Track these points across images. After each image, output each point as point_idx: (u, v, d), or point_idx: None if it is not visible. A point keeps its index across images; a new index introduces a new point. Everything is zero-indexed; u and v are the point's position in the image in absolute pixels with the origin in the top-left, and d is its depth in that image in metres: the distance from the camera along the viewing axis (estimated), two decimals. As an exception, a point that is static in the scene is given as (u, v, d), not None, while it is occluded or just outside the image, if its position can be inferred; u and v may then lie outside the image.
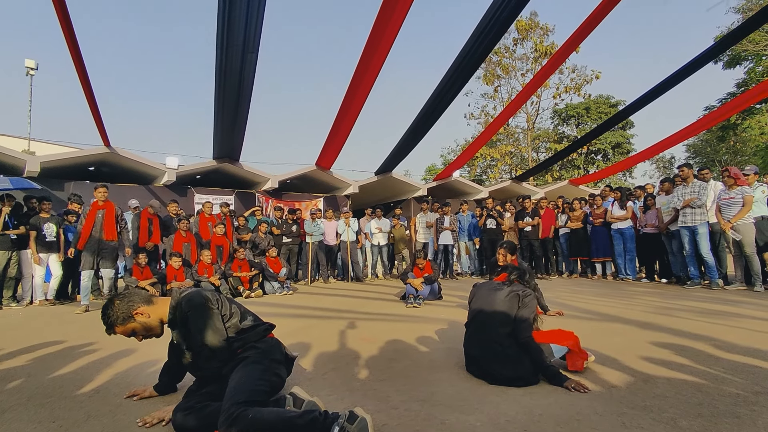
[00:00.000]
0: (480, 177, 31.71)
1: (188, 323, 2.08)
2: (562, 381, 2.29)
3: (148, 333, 2.16)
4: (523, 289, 2.64)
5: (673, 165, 33.71)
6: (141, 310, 2.12)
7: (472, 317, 2.72)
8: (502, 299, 2.59)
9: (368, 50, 6.87)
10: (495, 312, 2.57)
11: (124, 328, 2.10)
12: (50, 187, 9.26)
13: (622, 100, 28.04)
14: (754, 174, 6.55)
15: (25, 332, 4.35)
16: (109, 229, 6.21)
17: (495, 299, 2.63)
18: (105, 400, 2.27)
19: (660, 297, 5.76)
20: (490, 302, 2.64)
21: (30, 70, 16.71)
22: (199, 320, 2.06)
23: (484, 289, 2.78)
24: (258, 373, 1.96)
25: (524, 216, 9.31)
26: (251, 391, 1.83)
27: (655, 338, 3.32)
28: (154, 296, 2.25)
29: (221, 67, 6.91)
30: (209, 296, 2.13)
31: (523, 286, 2.71)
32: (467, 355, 2.65)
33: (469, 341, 2.65)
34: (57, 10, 5.40)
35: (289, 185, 12.51)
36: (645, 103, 9.94)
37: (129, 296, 2.15)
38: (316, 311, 5.47)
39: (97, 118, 8.23)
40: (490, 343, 2.47)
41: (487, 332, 2.53)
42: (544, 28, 26.54)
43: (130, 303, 2.11)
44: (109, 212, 6.29)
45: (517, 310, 2.54)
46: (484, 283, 2.86)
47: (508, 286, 2.69)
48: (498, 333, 2.48)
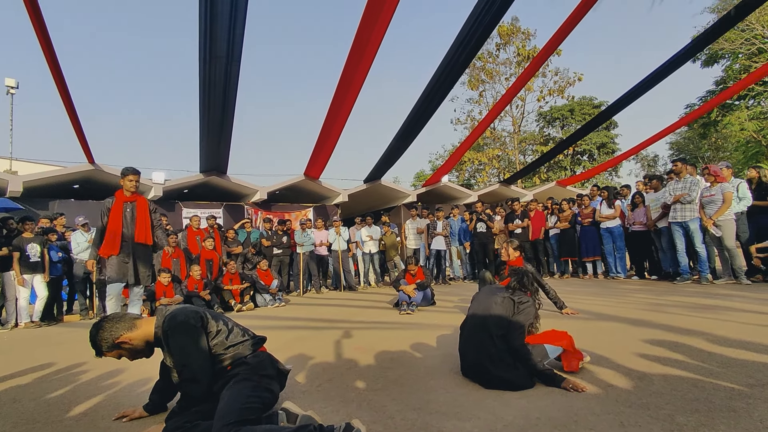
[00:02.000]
0: (468, 181, 31.88)
1: (169, 342, 2.03)
2: (558, 382, 2.27)
3: (137, 356, 2.13)
4: (520, 296, 2.64)
5: (657, 163, 34.27)
6: (125, 337, 2.07)
7: (467, 320, 2.72)
8: (498, 303, 2.60)
9: (353, 58, 6.88)
10: (490, 315, 2.56)
11: (112, 353, 2.08)
12: (34, 206, 9.10)
13: (605, 100, 28.50)
14: (727, 168, 6.66)
15: (11, 356, 4.24)
16: (141, 229, 4.72)
17: (491, 302, 2.63)
18: (93, 424, 2.20)
19: (651, 294, 5.80)
20: (486, 305, 2.63)
21: (10, 89, 16.48)
22: (179, 339, 2.00)
23: (483, 293, 2.79)
24: (248, 390, 1.91)
25: (514, 218, 9.35)
26: (242, 410, 1.78)
27: (649, 335, 3.33)
28: (138, 318, 2.18)
29: (205, 79, 6.87)
30: (192, 314, 2.07)
31: (522, 292, 2.72)
32: (462, 358, 2.63)
33: (464, 344, 2.64)
34: (35, 27, 5.34)
35: (277, 196, 12.44)
36: (627, 102, 10.10)
37: (114, 322, 2.10)
38: (309, 322, 5.41)
39: (80, 134, 8.13)
40: (485, 346, 2.46)
41: (481, 335, 2.51)
42: (525, 32, 26.95)
43: (113, 331, 2.06)
44: (141, 207, 4.79)
45: (512, 315, 2.54)
46: (484, 287, 2.88)
47: (508, 291, 2.71)
48: (492, 336, 2.47)
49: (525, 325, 2.53)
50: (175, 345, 2.01)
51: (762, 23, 19.10)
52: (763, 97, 19.85)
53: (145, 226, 4.73)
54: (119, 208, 4.63)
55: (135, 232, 4.66)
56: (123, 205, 4.67)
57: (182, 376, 2.00)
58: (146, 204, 4.83)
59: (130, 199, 4.74)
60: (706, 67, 22.58)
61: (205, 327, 2.08)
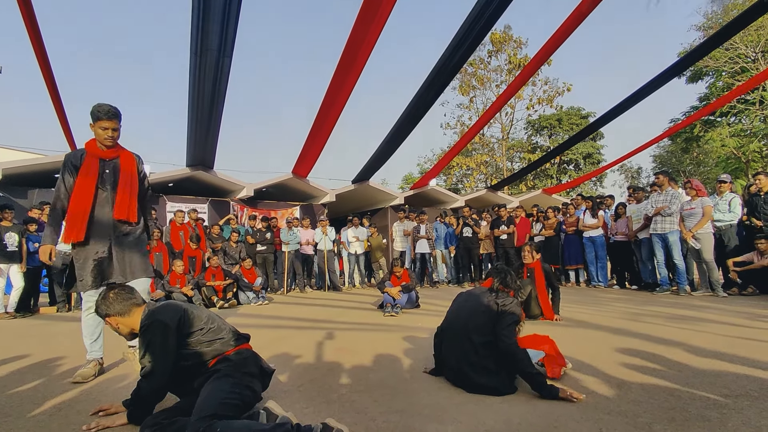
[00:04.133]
0: (456, 186, 32.08)
1: (142, 335, 2.04)
2: (555, 393, 2.18)
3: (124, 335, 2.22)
4: (503, 297, 2.59)
5: (641, 175, 34.91)
6: (112, 319, 2.15)
7: (448, 323, 2.68)
8: (482, 308, 2.55)
9: (345, 58, 6.87)
10: (471, 320, 2.53)
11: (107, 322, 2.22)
12: (13, 195, 8.87)
13: (593, 111, 28.97)
14: (728, 183, 6.82)
15: (-19, 348, 4.11)
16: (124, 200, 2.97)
17: (473, 306, 2.59)
18: (67, 419, 2.15)
19: (631, 303, 5.90)
20: (468, 309, 2.61)
21: (-8, 73, 16.05)
22: (150, 335, 2.00)
23: (464, 296, 2.76)
24: (228, 386, 1.90)
25: (500, 224, 9.43)
26: (219, 405, 1.78)
27: (628, 344, 3.39)
28: (138, 305, 2.20)
29: (195, 72, 6.78)
30: (172, 312, 2.06)
31: (505, 293, 2.67)
32: (443, 362, 2.62)
33: (445, 349, 2.61)
34: (22, 10, 5.21)
35: (264, 193, 12.34)
36: (615, 115, 10.27)
37: (115, 298, 2.17)
38: (292, 321, 5.37)
39: (64, 122, 7.96)
40: (466, 354, 2.43)
41: (462, 341, 2.48)
42: (517, 41, 27.23)
43: (107, 306, 2.15)
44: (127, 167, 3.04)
45: (497, 318, 2.48)
46: (469, 290, 2.84)
47: (491, 293, 2.65)
48: (473, 342, 2.43)
49: (511, 323, 2.45)
50: (145, 339, 2.02)
51: (745, 43, 19.63)
52: (744, 114, 20.40)
53: (131, 197, 3.00)
54: (92, 168, 2.89)
55: (115, 206, 2.94)
56: (99, 165, 2.93)
57: (143, 370, 2.02)
58: (134, 163, 3.09)
59: (108, 155, 2.98)
60: (690, 83, 23.12)
61: (183, 326, 2.05)
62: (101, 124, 2.88)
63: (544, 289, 4.69)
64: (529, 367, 2.30)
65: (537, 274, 4.73)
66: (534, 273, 4.76)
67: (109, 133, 2.91)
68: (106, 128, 2.89)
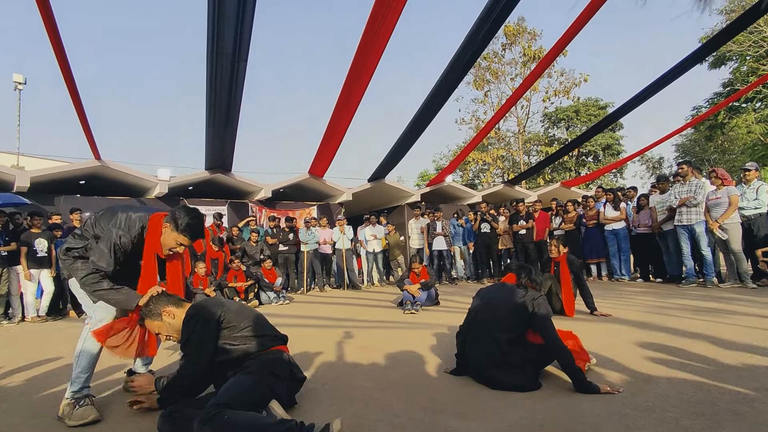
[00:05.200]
0: (472, 181, 31.84)
1: (186, 325, 2.12)
2: (596, 389, 2.16)
3: (172, 334, 2.22)
4: (533, 294, 2.54)
5: (662, 165, 34.10)
6: (168, 309, 2.21)
7: (472, 321, 2.66)
8: (509, 305, 2.50)
9: (359, 57, 6.89)
10: (498, 317, 2.50)
11: (151, 324, 2.22)
12: (40, 201, 9.15)
13: (611, 102, 28.41)
14: (755, 170, 6.62)
15: (18, 350, 4.28)
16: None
17: (498, 304, 2.56)
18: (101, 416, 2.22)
19: (656, 296, 5.79)
20: (494, 306, 2.57)
21: (18, 85, 16.59)
22: (193, 325, 2.09)
23: (490, 292, 2.71)
24: (249, 382, 1.96)
25: (518, 219, 9.34)
26: (235, 397, 1.84)
27: (654, 338, 3.33)
28: (185, 301, 2.31)
29: (212, 77, 6.89)
30: (215, 308, 2.16)
31: (533, 288, 2.63)
32: (467, 360, 2.60)
33: (469, 346, 2.59)
34: (45, 23, 5.37)
35: (282, 194, 12.46)
36: (635, 105, 10.06)
37: (165, 295, 2.27)
38: (313, 320, 5.43)
39: (87, 131, 8.17)
40: (492, 349, 2.42)
41: (487, 337, 2.47)
42: (531, 32, 26.83)
43: (160, 301, 2.22)
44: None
45: (530, 316, 2.43)
46: (490, 286, 2.80)
47: (520, 289, 2.60)
48: (499, 339, 2.42)
49: (548, 317, 2.42)
50: (188, 330, 2.09)
51: (770, 25, 18.97)
52: (771, 99, 19.73)
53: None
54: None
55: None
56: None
57: (183, 358, 2.12)
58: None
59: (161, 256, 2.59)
60: (713, 69, 22.44)
61: (222, 322, 2.13)
62: (182, 239, 2.42)
63: (569, 283, 4.58)
64: (573, 362, 2.28)
65: (562, 268, 4.64)
66: (560, 267, 4.68)
67: (181, 250, 2.50)
68: (182, 245, 2.48)
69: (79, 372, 2.27)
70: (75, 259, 2.32)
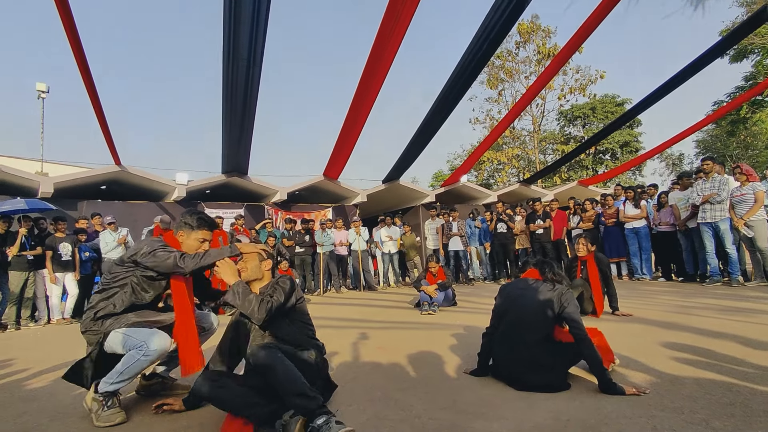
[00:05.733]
0: (487, 181, 31.61)
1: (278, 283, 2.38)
2: (621, 391, 2.13)
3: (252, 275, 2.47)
4: (561, 289, 2.47)
5: (683, 162, 33.35)
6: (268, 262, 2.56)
7: (500, 318, 2.59)
8: (539, 302, 2.44)
9: (372, 58, 6.90)
10: (528, 315, 2.44)
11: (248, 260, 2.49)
12: (64, 206, 9.38)
13: (629, 98, 27.87)
14: None
15: (45, 351, 4.38)
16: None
17: (528, 301, 2.48)
18: (128, 416, 2.25)
19: (679, 296, 5.66)
20: (522, 303, 2.50)
21: (41, 93, 17.00)
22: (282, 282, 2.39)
23: (515, 289, 2.63)
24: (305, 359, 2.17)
25: (535, 219, 9.24)
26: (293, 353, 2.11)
27: (678, 338, 3.26)
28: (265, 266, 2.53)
29: (227, 82, 6.99)
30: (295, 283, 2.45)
31: (559, 282, 2.56)
32: (494, 358, 2.55)
33: (498, 345, 2.53)
34: (67, 32, 5.51)
35: (297, 196, 12.55)
36: (653, 101, 9.86)
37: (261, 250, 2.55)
38: (330, 321, 5.45)
39: (108, 137, 8.35)
40: (521, 349, 2.37)
41: (517, 336, 2.41)
42: (545, 30, 26.57)
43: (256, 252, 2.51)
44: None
45: (560, 310, 2.38)
46: (513, 283, 2.71)
47: (547, 284, 2.53)
48: (529, 338, 2.36)
49: (578, 312, 2.39)
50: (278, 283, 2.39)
51: (794, 16, 18.41)
52: (796, 92, 19.13)
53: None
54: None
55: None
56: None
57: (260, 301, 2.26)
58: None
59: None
60: (734, 63, 21.87)
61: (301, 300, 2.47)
62: (204, 234, 2.49)
63: (597, 283, 4.47)
64: (601, 362, 2.23)
65: (590, 266, 4.53)
66: (587, 266, 4.58)
67: (207, 246, 2.51)
68: (205, 240, 2.52)
69: (120, 380, 2.22)
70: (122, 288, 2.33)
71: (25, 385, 3.06)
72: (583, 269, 4.62)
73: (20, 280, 6.48)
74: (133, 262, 2.31)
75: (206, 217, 2.55)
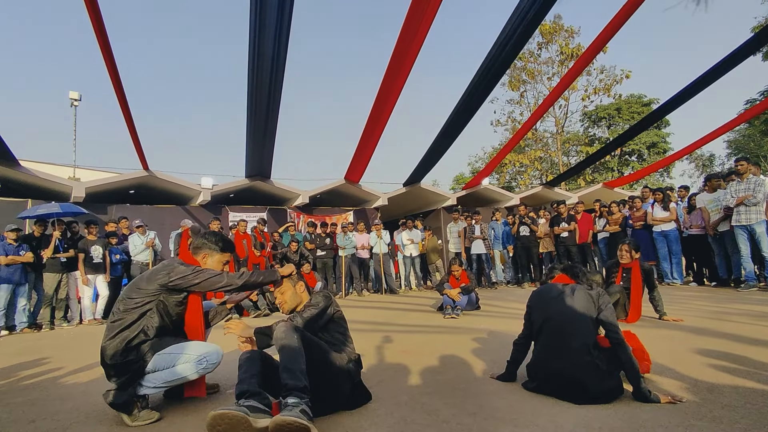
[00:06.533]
0: (509, 184, 31.25)
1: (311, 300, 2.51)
2: (658, 399, 2.05)
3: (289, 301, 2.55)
4: (598, 292, 2.37)
5: (713, 163, 32.29)
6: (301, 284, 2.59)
7: (536, 326, 2.44)
8: (579, 306, 2.30)
9: (394, 63, 6.92)
10: (570, 321, 2.28)
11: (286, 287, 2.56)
12: (94, 210, 9.68)
13: (656, 98, 27.16)
14: None
15: (78, 352, 4.52)
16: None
17: (568, 307, 2.33)
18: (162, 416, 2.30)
19: (712, 301, 5.47)
20: (562, 310, 2.34)
21: (74, 102, 17.66)
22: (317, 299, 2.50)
23: (549, 295, 2.47)
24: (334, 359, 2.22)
25: (560, 222, 9.08)
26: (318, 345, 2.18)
27: (713, 345, 3.15)
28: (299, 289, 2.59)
29: (252, 88, 7.11)
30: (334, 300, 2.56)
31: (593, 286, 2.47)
32: (543, 369, 2.34)
33: (541, 355, 2.38)
34: (99, 42, 5.70)
35: (319, 200, 12.65)
36: (682, 101, 9.59)
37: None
38: (353, 324, 5.41)
39: (137, 143, 8.59)
40: (576, 355, 2.19)
41: (563, 344, 2.25)
42: (569, 30, 26.17)
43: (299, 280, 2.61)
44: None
45: (597, 313, 2.28)
46: (544, 288, 2.57)
47: (584, 287, 2.42)
48: (576, 345, 2.20)
49: (614, 317, 2.29)
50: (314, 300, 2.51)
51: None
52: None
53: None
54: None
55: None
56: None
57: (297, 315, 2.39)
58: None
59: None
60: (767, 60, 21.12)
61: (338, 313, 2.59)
62: (228, 257, 2.70)
63: (639, 290, 4.31)
64: (637, 369, 2.13)
65: (634, 274, 4.36)
66: (630, 273, 4.41)
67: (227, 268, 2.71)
68: (228, 262, 2.72)
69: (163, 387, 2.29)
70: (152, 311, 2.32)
71: (60, 383, 3.15)
72: (625, 276, 4.47)
73: (54, 282, 6.71)
74: (165, 287, 2.31)
75: (228, 240, 2.74)
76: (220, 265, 2.62)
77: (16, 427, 2.27)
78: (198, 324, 2.48)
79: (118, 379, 2.22)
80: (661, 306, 4.35)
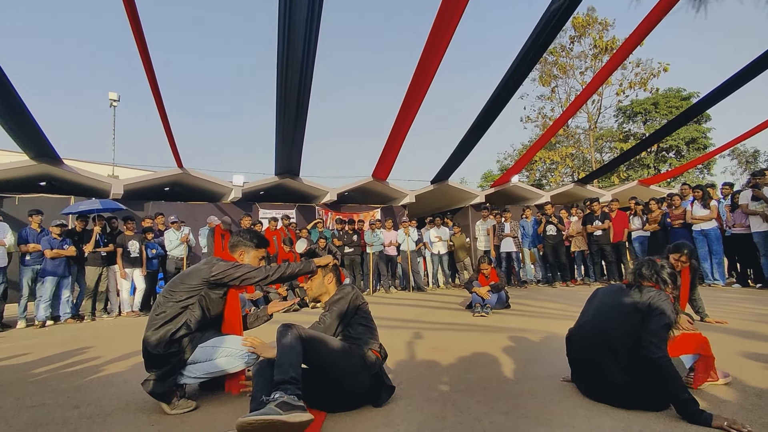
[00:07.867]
0: (539, 181, 30.62)
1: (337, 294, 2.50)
2: (708, 421, 1.76)
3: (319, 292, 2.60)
4: (649, 292, 2.09)
5: (758, 159, 30.71)
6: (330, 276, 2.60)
7: (582, 323, 2.30)
8: (624, 307, 2.11)
9: (424, 60, 6.88)
10: (611, 326, 2.10)
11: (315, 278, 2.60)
12: (132, 207, 10.05)
13: (695, 91, 25.99)
14: None
15: (119, 341, 4.70)
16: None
17: (616, 306, 2.16)
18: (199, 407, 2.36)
19: (758, 303, 5.21)
20: (609, 309, 2.18)
21: (113, 102, 18.34)
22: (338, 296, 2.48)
23: (605, 293, 2.32)
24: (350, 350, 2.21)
25: (593, 220, 8.83)
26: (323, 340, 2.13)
27: (761, 348, 2.99)
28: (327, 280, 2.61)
29: (281, 88, 7.21)
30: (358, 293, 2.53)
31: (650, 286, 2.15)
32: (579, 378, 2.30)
33: (579, 360, 2.28)
34: (138, 45, 5.90)
35: (347, 197, 12.74)
36: (724, 94, 9.17)
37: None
38: (381, 321, 5.43)
39: (172, 142, 8.86)
40: (603, 366, 2.06)
41: (603, 351, 2.07)
42: (603, 23, 25.38)
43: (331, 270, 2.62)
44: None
45: (641, 320, 2.02)
46: (607, 287, 2.38)
47: (631, 288, 2.18)
48: (618, 348, 2.03)
49: (661, 329, 1.97)
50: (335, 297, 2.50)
51: None
52: None
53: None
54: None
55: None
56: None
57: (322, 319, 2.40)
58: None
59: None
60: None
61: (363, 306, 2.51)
62: (263, 253, 2.82)
63: (687, 292, 4.02)
64: (681, 390, 1.86)
65: (684, 275, 4.00)
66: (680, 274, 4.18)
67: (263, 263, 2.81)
68: (264, 257, 2.83)
69: (203, 377, 2.40)
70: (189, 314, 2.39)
71: (101, 371, 3.28)
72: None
73: (95, 275, 6.99)
74: (207, 282, 2.40)
75: (262, 236, 2.85)
76: (256, 260, 2.72)
77: (62, 411, 2.38)
78: (236, 320, 2.57)
79: (158, 369, 2.29)
80: (703, 307, 4.16)
